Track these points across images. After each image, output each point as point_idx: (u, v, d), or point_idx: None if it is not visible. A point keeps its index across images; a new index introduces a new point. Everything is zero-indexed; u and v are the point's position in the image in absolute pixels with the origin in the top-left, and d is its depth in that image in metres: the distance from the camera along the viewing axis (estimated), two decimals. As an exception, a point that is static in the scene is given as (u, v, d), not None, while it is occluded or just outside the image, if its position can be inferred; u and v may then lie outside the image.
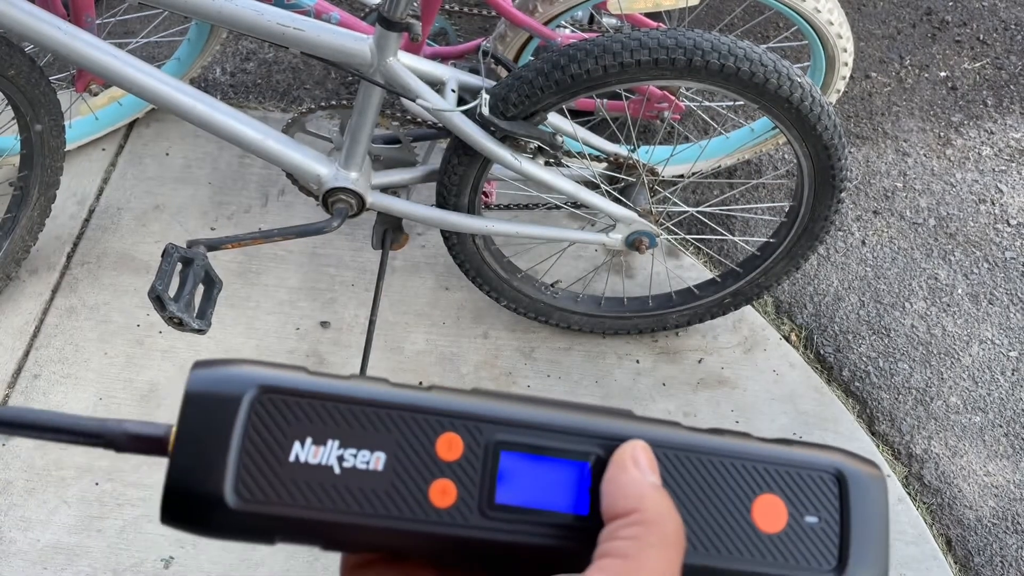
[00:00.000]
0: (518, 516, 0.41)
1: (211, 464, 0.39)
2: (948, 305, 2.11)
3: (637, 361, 1.97)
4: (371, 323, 1.76)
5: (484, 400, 0.43)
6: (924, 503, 1.84)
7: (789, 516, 0.43)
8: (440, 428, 0.41)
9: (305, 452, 0.40)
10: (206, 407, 0.40)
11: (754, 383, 1.95)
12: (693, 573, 0.42)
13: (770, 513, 0.43)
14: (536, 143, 1.61)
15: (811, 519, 0.43)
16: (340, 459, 0.40)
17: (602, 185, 1.72)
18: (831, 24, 1.80)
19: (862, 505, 0.44)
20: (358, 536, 0.40)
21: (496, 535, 0.40)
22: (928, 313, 2.09)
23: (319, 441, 0.40)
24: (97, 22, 1.85)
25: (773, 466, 0.44)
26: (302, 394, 0.40)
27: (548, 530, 0.41)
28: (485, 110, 1.51)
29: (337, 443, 0.40)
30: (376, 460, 0.40)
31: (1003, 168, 2.34)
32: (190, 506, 0.39)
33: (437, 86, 1.56)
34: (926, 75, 2.51)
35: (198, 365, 0.41)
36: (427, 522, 0.40)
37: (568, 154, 1.65)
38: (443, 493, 0.40)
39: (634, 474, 0.40)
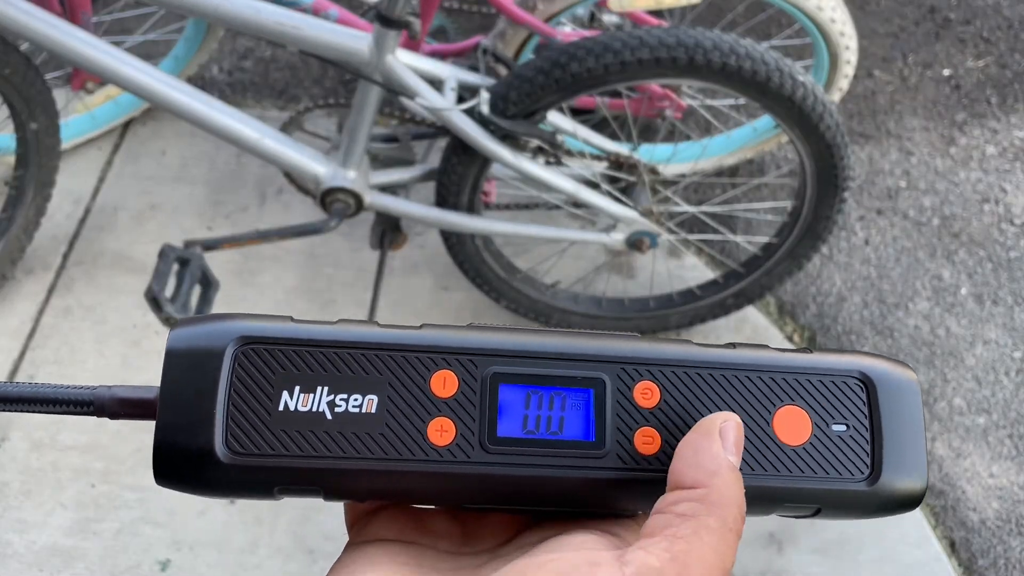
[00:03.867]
0: (522, 448, 0.40)
1: (198, 420, 0.38)
2: (952, 305, 2.09)
3: (638, 362, 1.95)
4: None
5: (478, 333, 0.41)
6: (928, 505, 1.83)
7: (813, 426, 0.42)
8: (434, 366, 0.40)
9: (294, 400, 0.39)
10: (188, 363, 0.39)
11: (756, 384, 1.93)
12: None
13: (793, 425, 0.41)
14: (536, 142, 1.59)
15: (838, 427, 0.42)
16: (331, 404, 0.39)
17: (602, 184, 1.71)
18: (834, 22, 1.79)
19: (892, 408, 0.42)
20: (357, 481, 0.39)
21: (500, 469, 0.40)
22: (932, 313, 2.08)
23: (308, 388, 0.39)
24: (93, 20, 1.84)
25: (792, 375, 0.42)
26: (286, 342, 0.40)
27: (554, 460, 0.40)
28: (485, 109, 1.49)
29: (327, 388, 0.39)
30: (369, 403, 0.39)
31: (1007, 167, 2.32)
32: (181, 464, 0.38)
33: (436, 84, 1.55)
34: (930, 73, 2.50)
35: (179, 323, 0.40)
36: (427, 461, 0.39)
37: (568, 153, 1.63)
38: (441, 431, 0.39)
39: (716, 447, 0.38)
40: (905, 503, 0.42)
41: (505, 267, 1.83)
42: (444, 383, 0.40)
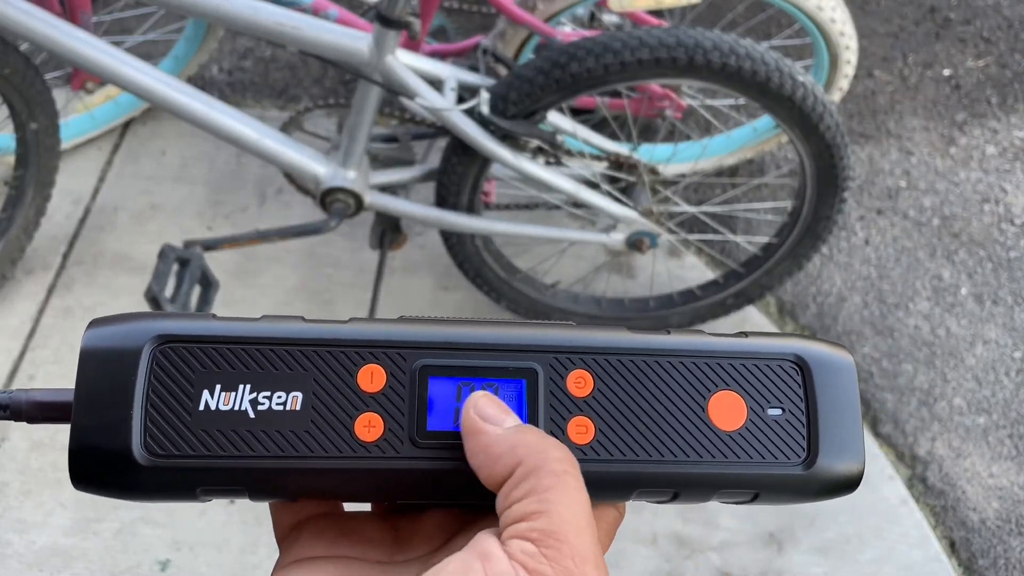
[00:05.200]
0: (453, 441, 0.39)
1: (114, 422, 0.37)
2: (952, 305, 2.09)
3: (638, 362, 1.95)
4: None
5: (408, 326, 0.40)
6: (928, 505, 1.83)
7: (748, 411, 0.41)
8: (361, 360, 0.39)
9: (215, 399, 0.38)
10: (104, 364, 0.38)
11: (756, 384, 1.93)
12: (652, 482, 0.40)
13: (728, 410, 0.41)
14: (536, 142, 1.59)
15: (773, 411, 0.41)
16: (254, 403, 0.38)
17: (602, 184, 1.71)
18: (834, 22, 1.79)
19: (828, 390, 0.42)
20: (283, 480, 0.38)
21: (429, 464, 0.39)
22: (932, 313, 2.08)
23: (229, 387, 0.38)
24: (93, 20, 1.83)
25: (727, 360, 0.41)
26: (206, 340, 0.39)
27: None
28: (485, 109, 1.49)
29: (249, 387, 0.38)
30: (293, 400, 0.38)
31: (1007, 167, 2.32)
32: (98, 468, 0.37)
33: (436, 84, 1.55)
34: (930, 73, 2.49)
35: (95, 322, 0.39)
36: (354, 457, 0.38)
37: (568, 153, 1.63)
38: (369, 426, 0.39)
39: (490, 433, 0.38)
40: (843, 486, 0.42)
41: (505, 267, 1.83)
42: (371, 377, 0.39)
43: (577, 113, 1.94)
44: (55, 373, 1.86)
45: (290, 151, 1.58)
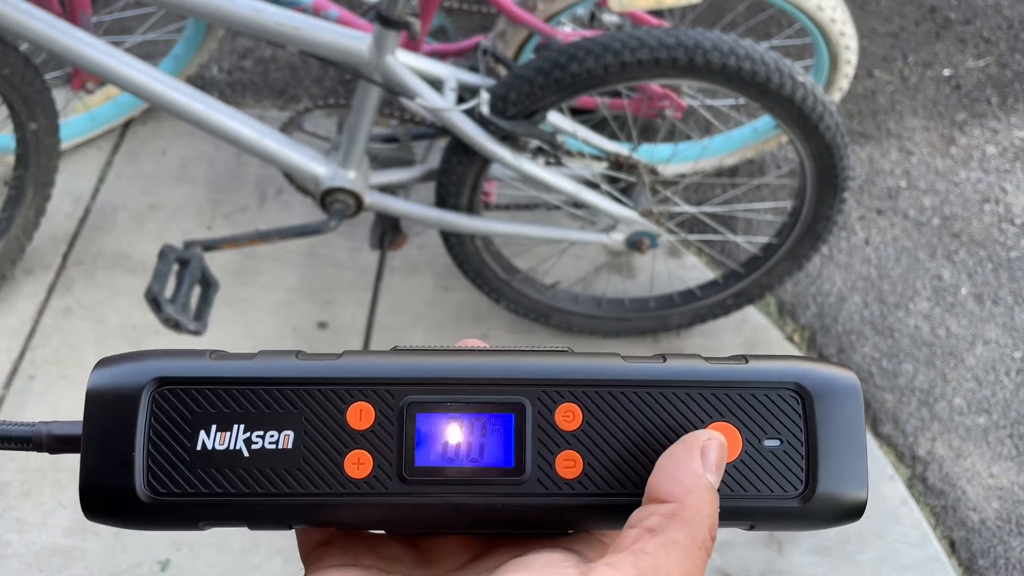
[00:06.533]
0: (441, 477, 0.40)
1: (119, 461, 0.39)
2: (952, 305, 2.09)
3: (638, 362, 1.95)
4: (369, 324, 1.75)
5: (397, 360, 0.41)
6: (928, 505, 1.83)
7: (744, 442, 0.40)
8: (350, 398, 0.40)
9: (212, 439, 0.40)
10: (108, 405, 0.40)
11: (756, 384, 1.93)
12: None
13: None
14: (536, 142, 1.59)
15: (771, 442, 0.40)
16: (248, 442, 0.40)
17: (602, 185, 1.71)
18: (834, 22, 1.79)
19: (829, 418, 0.40)
20: (278, 515, 0.40)
21: (417, 499, 0.39)
22: (932, 313, 2.07)
23: (224, 427, 0.40)
24: (93, 20, 1.83)
25: (724, 390, 0.41)
26: (202, 381, 0.40)
27: (473, 488, 0.40)
28: (485, 109, 1.49)
29: (243, 426, 0.40)
30: (285, 439, 0.40)
31: (1007, 167, 2.32)
32: (106, 503, 0.39)
33: (436, 85, 1.55)
34: (930, 73, 2.49)
35: (101, 363, 0.41)
36: (344, 494, 0.39)
37: (568, 153, 1.63)
38: (358, 464, 0.40)
39: (695, 464, 0.38)
40: (843, 516, 0.41)
41: (505, 267, 1.83)
42: (360, 415, 0.40)
43: (577, 113, 1.94)
44: (55, 373, 1.86)
45: (290, 151, 1.58)
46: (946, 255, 2.17)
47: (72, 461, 1.73)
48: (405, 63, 1.50)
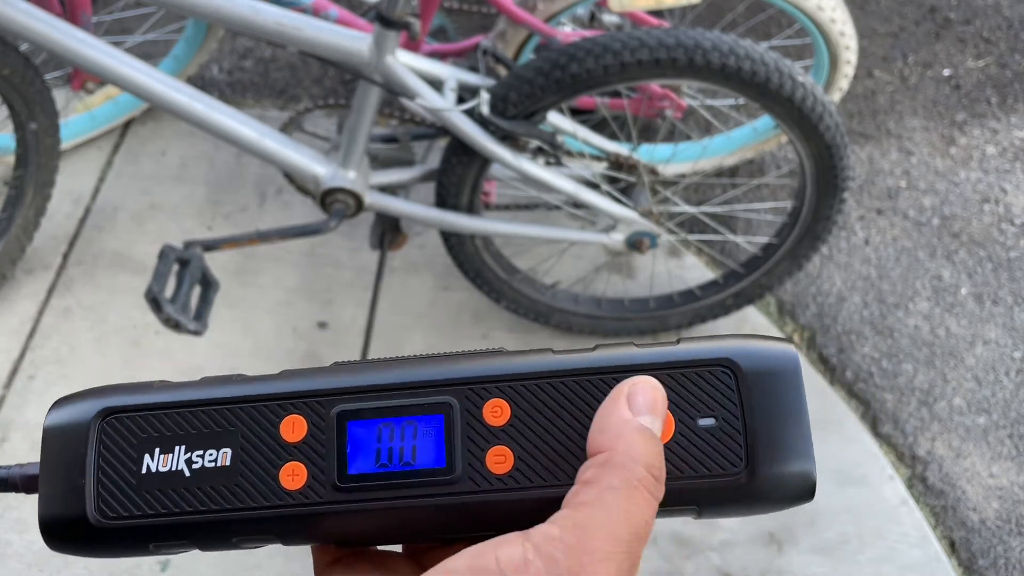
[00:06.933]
0: (374, 483, 0.40)
1: (72, 490, 0.41)
2: (952, 305, 2.09)
3: (638, 362, 1.95)
4: (369, 324, 1.75)
5: (327, 375, 0.42)
6: (928, 505, 1.83)
7: (676, 423, 0.40)
8: (282, 412, 0.41)
9: (155, 462, 0.41)
10: (61, 439, 0.42)
11: (756, 384, 1.93)
12: None
13: None
14: (536, 142, 1.59)
15: (705, 421, 0.40)
16: (188, 462, 0.41)
17: (602, 185, 1.71)
18: (834, 22, 1.79)
19: (765, 392, 0.39)
20: (221, 532, 0.41)
21: (352, 506, 0.40)
22: (932, 313, 2.08)
23: (166, 449, 0.41)
24: (93, 20, 1.84)
25: (652, 372, 0.40)
26: (144, 408, 0.42)
27: (406, 491, 0.40)
28: (485, 109, 1.49)
29: (184, 447, 0.41)
30: (223, 456, 0.41)
31: (1007, 167, 2.32)
32: (63, 532, 0.41)
33: (436, 85, 1.55)
34: (930, 73, 2.49)
35: (56, 403, 0.43)
36: (281, 506, 0.40)
37: (568, 153, 1.63)
38: (293, 475, 0.41)
39: (620, 411, 0.37)
40: (794, 494, 0.40)
41: (505, 267, 1.83)
42: (293, 428, 0.41)
43: (577, 113, 1.94)
44: (55, 373, 1.86)
45: (290, 151, 1.58)
46: (946, 255, 2.17)
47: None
48: (405, 63, 1.50)
